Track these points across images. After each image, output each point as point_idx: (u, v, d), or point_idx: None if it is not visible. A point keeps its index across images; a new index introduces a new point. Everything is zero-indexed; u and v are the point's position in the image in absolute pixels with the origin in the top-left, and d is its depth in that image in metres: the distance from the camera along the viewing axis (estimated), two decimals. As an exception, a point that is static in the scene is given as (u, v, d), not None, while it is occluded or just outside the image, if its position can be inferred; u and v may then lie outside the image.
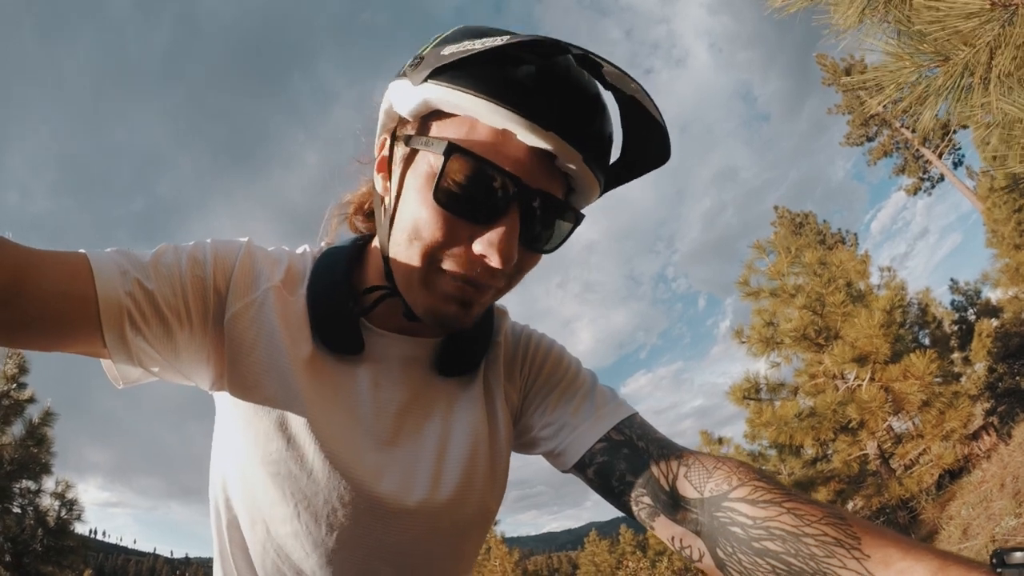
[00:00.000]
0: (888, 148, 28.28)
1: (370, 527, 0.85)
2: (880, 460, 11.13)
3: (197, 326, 0.81)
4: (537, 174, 0.71)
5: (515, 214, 0.71)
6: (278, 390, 0.83)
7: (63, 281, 0.69)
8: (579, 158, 0.70)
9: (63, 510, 12.12)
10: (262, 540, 0.88)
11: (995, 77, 2.09)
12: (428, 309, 0.78)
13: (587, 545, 41.06)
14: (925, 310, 16.94)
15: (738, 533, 0.72)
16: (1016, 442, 10.39)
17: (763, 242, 12.70)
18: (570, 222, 0.79)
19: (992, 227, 16.34)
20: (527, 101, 0.67)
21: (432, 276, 0.76)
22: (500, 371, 0.99)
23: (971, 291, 18.77)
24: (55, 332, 0.70)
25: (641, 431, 0.90)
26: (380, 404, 0.89)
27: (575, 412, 0.94)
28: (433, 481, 0.88)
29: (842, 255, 12.57)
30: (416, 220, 0.74)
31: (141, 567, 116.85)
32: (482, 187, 0.70)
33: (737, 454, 18.23)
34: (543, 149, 0.68)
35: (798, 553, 0.66)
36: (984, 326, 14.75)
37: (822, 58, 27.26)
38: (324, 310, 0.87)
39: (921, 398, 9.93)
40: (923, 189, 29.33)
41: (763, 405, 12.02)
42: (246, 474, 0.87)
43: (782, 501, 0.71)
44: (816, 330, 11.28)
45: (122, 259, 0.75)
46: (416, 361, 0.93)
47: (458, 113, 0.70)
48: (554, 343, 1.06)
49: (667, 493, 0.81)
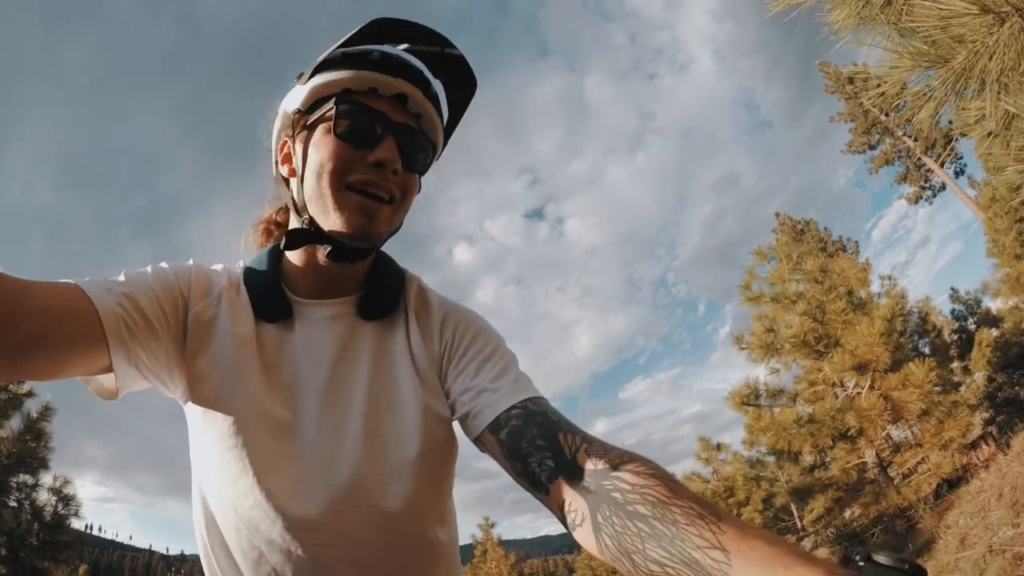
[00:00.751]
0: (890, 156, 28.31)
1: (323, 471, 0.97)
2: (878, 468, 11.12)
3: (173, 327, 0.96)
4: (398, 113, 1.00)
5: (391, 138, 0.98)
6: (228, 370, 0.98)
7: (59, 298, 0.80)
8: (420, 94, 1.01)
9: (60, 505, 12.10)
10: (234, 522, 0.96)
11: (991, 81, 2.10)
12: (344, 225, 0.97)
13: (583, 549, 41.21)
14: (925, 319, 16.93)
15: (617, 498, 0.77)
16: (1015, 452, 10.37)
17: (764, 248, 12.73)
18: (430, 150, 1.07)
19: (993, 237, 16.33)
20: (377, 66, 0.98)
21: (341, 196, 0.97)
22: (418, 327, 1.13)
23: (971, 300, 18.73)
24: (59, 350, 0.79)
25: (553, 410, 0.98)
26: (315, 356, 1.04)
27: (495, 379, 1.03)
28: (370, 412, 1.01)
29: (843, 263, 12.58)
30: (323, 159, 0.97)
31: (136, 563, 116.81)
32: (365, 121, 0.97)
33: (735, 460, 18.31)
34: (398, 94, 1.00)
35: (663, 518, 0.71)
36: (984, 336, 14.73)
37: (825, 66, 27.32)
38: (257, 288, 1.05)
39: (920, 407, 9.93)
40: (924, 198, 29.36)
41: (762, 411, 12.05)
42: (212, 462, 0.98)
43: (664, 479, 0.77)
44: (816, 337, 11.29)
45: (101, 281, 0.89)
46: (340, 317, 1.08)
47: (337, 90, 0.98)
48: (479, 317, 1.19)
49: (568, 461, 0.86)
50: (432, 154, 1.08)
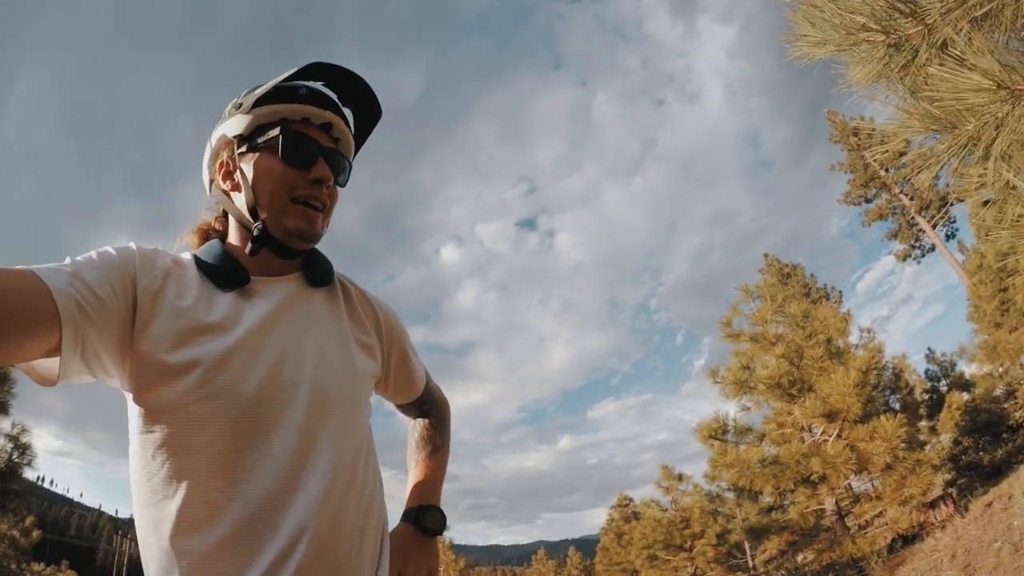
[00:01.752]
0: (884, 212, 28.55)
1: (291, 374, 1.12)
2: (836, 516, 11.20)
3: (123, 303, 1.01)
4: (325, 139, 1.25)
5: (323, 160, 1.21)
6: (183, 333, 1.05)
7: (13, 280, 0.86)
8: (341, 122, 1.26)
9: (15, 453, 11.98)
10: (212, 472, 1.01)
11: (996, 153, 2.15)
12: (289, 229, 1.19)
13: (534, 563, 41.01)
14: (899, 375, 17.10)
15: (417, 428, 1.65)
16: (972, 516, 10.48)
17: (750, 287, 12.81)
18: (347, 169, 1.31)
19: (976, 303, 16.51)
20: (307, 100, 1.21)
21: (288, 207, 1.18)
22: (357, 313, 1.37)
23: (946, 363, 18.92)
24: (16, 330, 0.84)
25: (430, 385, 1.64)
26: (274, 313, 1.17)
27: (415, 374, 1.54)
28: (319, 360, 1.18)
29: (825, 311, 12.68)
30: (272, 177, 1.18)
31: (84, 521, 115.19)
32: (304, 146, 1.19)
33: (695, 492, 18.39)
34: (325, 123, 1.24)
35: (422, 433, 1.63)
36: (955, 399, 14.91)
37: (832, 115, 27.59)
38: (215, 261, 1.19)
39: (885, 460, 10.02)
40: (913, 256, 29.61)
41: (728, 447, 12.11)
42: (174, 419, 1.02)
43: (432, 427, 1.64)
44: (791, 380, 11.37)
45: (51, 265, 0.95)
46: (290, 287, 1.25)
47: (275, 120, 1.19)
48: (389, 305, 1.52)
49: (425, 405, 1.64)
50: (349, 170, 1.34)
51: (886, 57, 2.38)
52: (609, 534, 26.14)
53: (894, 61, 2.36)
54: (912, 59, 2.32)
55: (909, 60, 2.33)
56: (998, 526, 9.17)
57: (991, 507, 10.36)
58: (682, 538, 17.83)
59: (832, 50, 2.46)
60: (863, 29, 2.32)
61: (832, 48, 2.45)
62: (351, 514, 1.11)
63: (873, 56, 2.39)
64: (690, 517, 18.03)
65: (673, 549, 17.89)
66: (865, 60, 2.42)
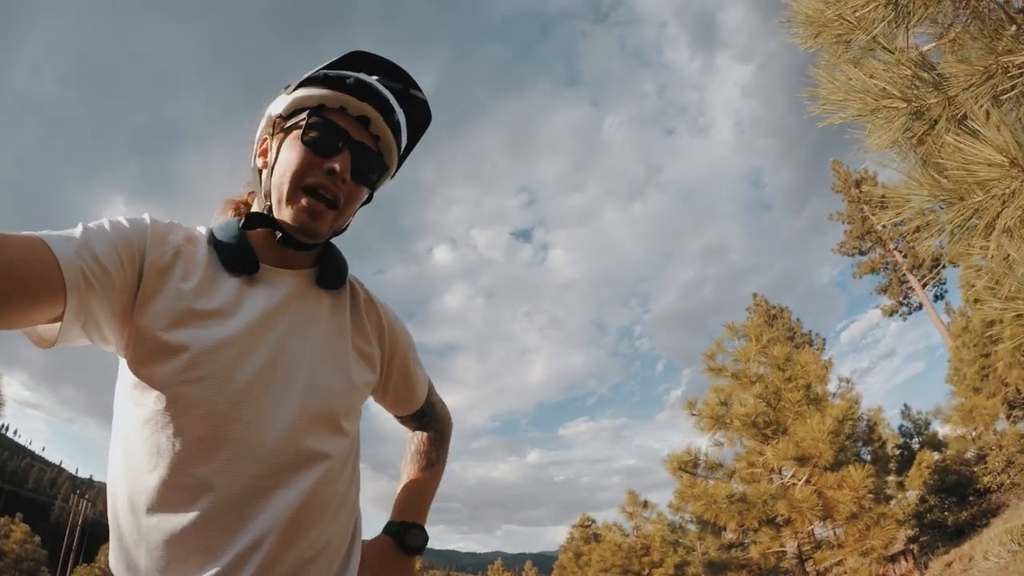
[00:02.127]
0: (877, 266, 28.78)
1: (274, 403, 1.06)
2: (796, 560, 11.26)
3: (129, 275, 1.01)
4: (359, 133, 1.18)
5: (347, 153, 1.15)
6: (183, 313, 1.04)
7: (22, 248, 0.86)
8: (381, 119, 1.20)
9: (-18, 398, 11.84)
10: (173, 458, 0.99)
11: (1000, 227, 2.22)
12: (292, 219, 1.14)
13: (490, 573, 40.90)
14: (873, 428, 17.22)
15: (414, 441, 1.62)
16: (931, 574, 10.57)
17: (736, 325, 12.90)
18: (381, 169, 1.25)
19: (956, 365, 16.69)
20: (350, 90, 1.16)
21: (294, 193, 1.13)
22: (361, 321, 1.32)
23: (921, 421, 19.07)
24: (24, 298, 0.85)
25: (432, 398, 1.59)
26: (277, 307, 1.15)
27: (416, 386, 1.50)
28: (313, 365, 1.15)
29: (807, 356, 12.78)
30: (288, 160, 1.14)
31: (43, 476, 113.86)
32: (329, 134, 1.14)
33: (658, 520, 18.41)
34: (362, 116, 1.18)
35: (412, 453, 1.59)
36: (925, 457, 15.02)
37: (837, 165, 27.81)
38: (228, 243, 1.15)
39: (851, 510, 10.08)
40: (900, 313, 29.88)
41: (697, 480, 12.15)
42: (155, 397, 1.01)
43: (431, 441, 1.60)
44: (766, 421, 11.44)
45: (61, 233, 0.95)
46: (298, 284, 1.21)
47: (313, 104, 1.16)
48: (395, 314, 1.48)
49: (425, 418, 1.60)
50: (383, 172, 1.27)
51: (905, 125, 2.44)
52: (568, 553, 26.10)
53: (913, 128, 2.42)
54: (931, 128, 2.39)
55: (928, 129, 2.40)
56: (955, 587, 9.25)
57: (951, 567, 10.46)
58: (640, 565, 17.86)
59: (853, 114, 2.51)
60: (885, 96, 2.38)
61: (853, 112, 2.50)
62: (324, 522, 1.10)
63: (892, 123, 2.45)
64: (651, 545, 18.06)
65: (631, 575, 17.90)
66: (884, 127, 2.48)
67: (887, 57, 2.52)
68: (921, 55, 2.54)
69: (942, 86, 2.29)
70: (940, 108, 2.34)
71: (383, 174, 1.28)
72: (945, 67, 2.44)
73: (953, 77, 2.29)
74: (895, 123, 2.44)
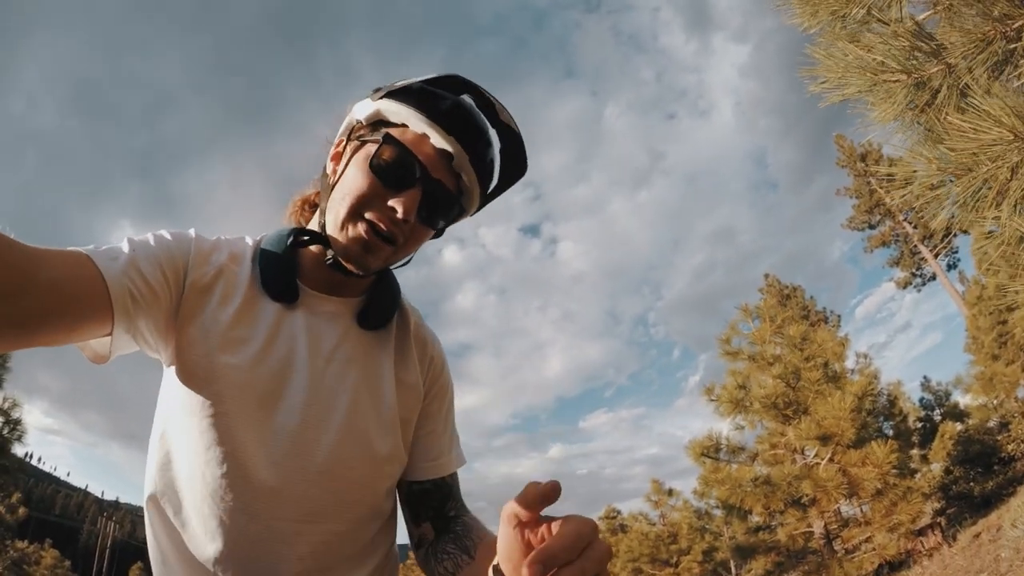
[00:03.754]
0: (887, 239, 28.61)
1: (300, 452, 1.02)
2: (824, 540, 11.21)
3: (174, 292, 1.00)
4: (438, 168, 1.03)
5: (419, 190, 1.01)
6: (218, 339, 1.01)
7: (70, 267, 0.84)
8: (467, 159, 1.03)
9: (5, 428, 11.94)
10: (200, 490, 0.99)
11: (1010, 197, 2.20)
12: (344, 247, 1.04)
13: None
14: (893, 402, 17.11)
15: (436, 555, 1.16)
16: (959, 546, 10.52)
17: (750, 307, 12.82)
18: (455, 213, 1.11)
19: (974, 334, 16.56)
20: (440, 117, 1.01)
21: (351, 221, 1.03)
22: (408, 349, 1.22)
23: (941, 392, 18.94)
24: (68, 321, 0.83)
25: (457, 483, 1.27)
26: (313, 343, 1.08)
27: (447, 438, 1.27)
28: (352, 410, 1.08)
29: (824, 334, 12.68)
30: (352, 182, 1.03)
31: (70, 501, 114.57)
32: (401, 165, 1.01)
33: (684, 508, 18.37)
34: (445, 150, 1.02)
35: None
36: (948, 428, 14.91)
37: (841, 139, 27.60)
38: (271, 267, 1.09)
39: (876, 486, 10.03)
40: (914, 285, 29.70)
41: (720, 464, 12.10)
42: (186, 427, 1.00)
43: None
44: (786, 402, 11.38)
45: (107, 250, 0.93)
46: (341, 316, 1.14)
47: (396, 121, 1.03)
48: (447, 359, 1.33)
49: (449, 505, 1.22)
50: (457, 215, 1.13)
51: (907, 97, 2.42)
52: (595, 544, 26.06)
53: (915, 100, 2.40)
54: (933, 99, 2.36)
55: (930, 100, 2.37)
56: (985, 557, 9.21)
57: (979, 538, 10.39)
58: (668, 553, 17.81)
59: (854, 91, 2.49)
60: (885, 69, 2.35)
61: (854, 89, 2.48)
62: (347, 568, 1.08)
63: (894, 96, 2.42)
64: (678, 533, 18.01)
65: (659, 564, 17.87)
66: (887, 100, 2.45)
67: (883, 29, 2.50)
68: (917, 25, 2.52)
69: (941, 55, 2.27)
70: (941, 77, 2.31)
71: (456, 216, 1.14)
72: (942, 36, 2.41)
73: (951, 46, 2.27)
74: (897, 96, 2.42)
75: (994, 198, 2.22)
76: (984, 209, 2.30)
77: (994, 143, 2.05)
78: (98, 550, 49.30)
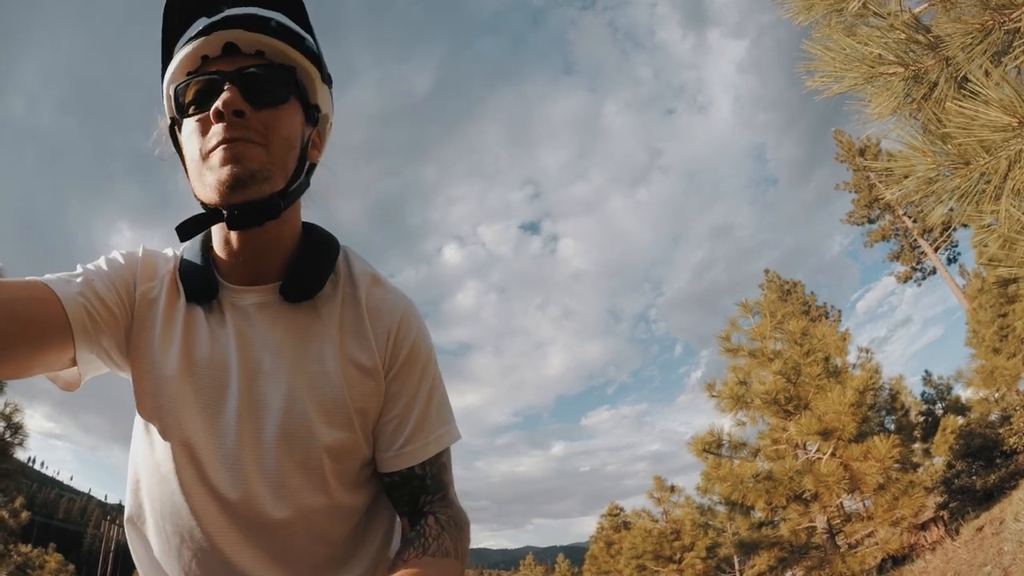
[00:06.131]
0: (887, 233, 28.61)
1: (241, 459, 0.98)
2: (827, 535, 11.21)
3: (128, 309, 1.01)
4: (232, 62, 0.95)
5: (228, 88, 0.92)
6: (160, 351, 1.00)
7: (24, 290, 0.85)
8: (247, 34, 0.95)
9: (7, 433, 11.95)
10: (159, 505, 1.01)
11: (1008, 188, 2.18)
12: (218, 183, 0.92)
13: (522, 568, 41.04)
14: (895, 397, 17.12)
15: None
16: (962, 540, 10.51)
17: (750, 303, 12.81)
18: (279, 79, 0.99)
19: (975, 327, 16.55)
20: (198, 36, 0.95)
21: (205, 163, 0.93)
22: (360, 324, 1.09)
23: (943, 386, 18.91)
24: (27, 341, 0.83)
25: (437, 471, 1.11)
26: (242, 343, 1.03)
27: (415, 422, 1.09)
28: (288, 405, 1.01)
29: (824, 329, 12.67)
30: (187, 142, 0.97)
31: (73, 505, 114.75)
32: (202, 85, 0.95)
33: (687, 504, 18.40)
34: (225, 44, 0.95)
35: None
36: (950, 422, 14.91)
37: (839, 134, 27.62)
38: (187, 271, 1.06)
39: (878, 481, 10.02)
40: (914, 279, 29.69)
41: (722, 460, 12.10)
42: (144, 443, 1.03)
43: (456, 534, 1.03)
44: (787, 397, 11.37)
45: (61, 275, 0.94)
46: (266, 305, 1.06)
47: (180, 79, 0.97)
48: (421, 325, 1.17)
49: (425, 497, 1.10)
50: (292, 76, 1.01)
51: (904, 90, 2.40)
52: (599, 542, 26.11)
53: (912, 93, 2.38)
54: (930, 91, 2.35)
55: (927, 92, 2.36)
56: (988, 550, 9.19)
57: (982, 531, 10.38)
58: (672, 550, 17.84)
59: (850, 85, 2.48)
60: (881, 62, 2.34)
61: (851, 83, 2.46)
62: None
63: (891, 89, 2.41)
64: (681, 529, 18.04)
65: (662, 560, 17.89)
66: (884, 94, 2.44)
67: (880, 22, 2.48)
68: (914, 17, 2.50)
69: (938, 47, 2.26)
70: (938, 70, 2.30)
71: (293, 77, 1.01)
72: (939, 28, 2.40)
73: (949, 37, 2.25)
74: (895, 89, 2.41)
75: (993, 191, 2.21)
76: (984, 203, 2.29)
77: (995, 130, 2.03)
78: (102, 554, 49.31)
